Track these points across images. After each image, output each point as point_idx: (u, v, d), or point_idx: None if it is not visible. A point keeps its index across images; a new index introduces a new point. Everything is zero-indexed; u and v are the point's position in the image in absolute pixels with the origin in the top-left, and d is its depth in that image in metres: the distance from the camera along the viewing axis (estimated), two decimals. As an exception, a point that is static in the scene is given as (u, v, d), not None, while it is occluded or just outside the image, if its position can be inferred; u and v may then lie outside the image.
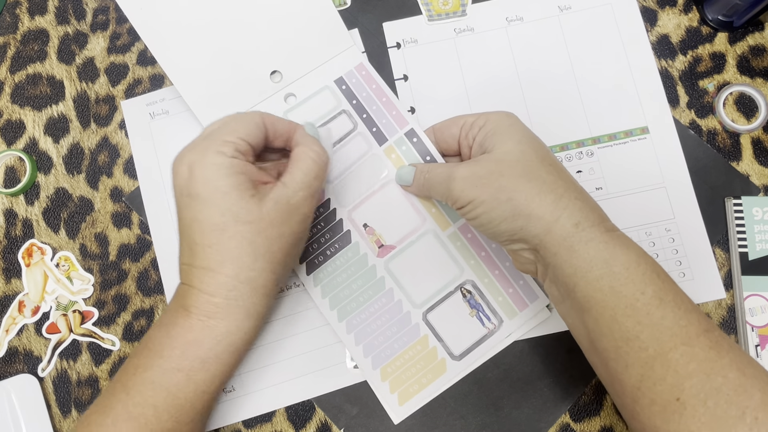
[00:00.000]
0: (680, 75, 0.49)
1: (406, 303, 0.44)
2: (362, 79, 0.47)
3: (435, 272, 0.44)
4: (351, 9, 0.50)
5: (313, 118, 0.47)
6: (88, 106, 0.49)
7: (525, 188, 0.34)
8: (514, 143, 0.36)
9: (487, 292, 0.44)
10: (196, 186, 0.34)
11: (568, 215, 0.33)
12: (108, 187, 0.48)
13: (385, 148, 0.46)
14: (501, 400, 0.43)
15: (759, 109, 0.47)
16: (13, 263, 0.47)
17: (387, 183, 0.45)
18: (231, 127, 0.36)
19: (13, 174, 0.48)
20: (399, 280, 0.44)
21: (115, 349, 0.45)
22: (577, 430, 0.43)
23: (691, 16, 0.50)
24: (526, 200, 0.33)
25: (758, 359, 0.42)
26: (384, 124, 0.46)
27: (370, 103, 0.47)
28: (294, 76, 0.47)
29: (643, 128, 0.47)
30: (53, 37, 0.50)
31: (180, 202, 0.35)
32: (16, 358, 0.45)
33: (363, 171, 0.46)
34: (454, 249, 0.44)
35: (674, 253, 0.45)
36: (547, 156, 0.36)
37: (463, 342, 0.43)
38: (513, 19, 0.49)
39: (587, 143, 0.47)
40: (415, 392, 0.43)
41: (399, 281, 0.44)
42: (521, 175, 0.34)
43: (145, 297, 0.46)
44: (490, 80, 0.48)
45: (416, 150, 0.45)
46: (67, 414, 0.45)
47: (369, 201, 0.45)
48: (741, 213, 0.45)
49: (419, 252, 0.44)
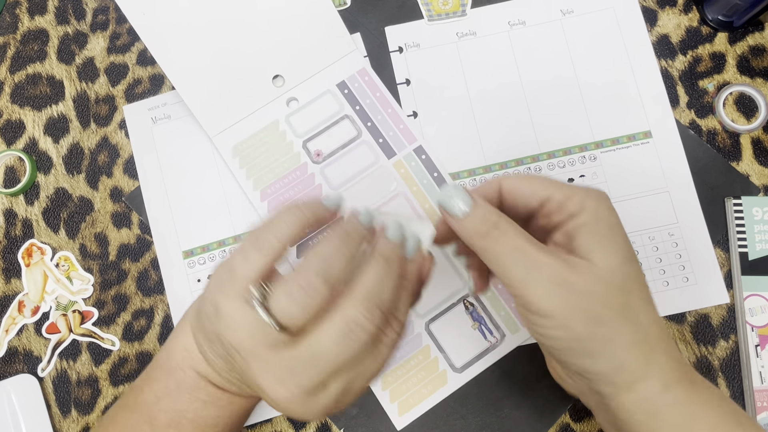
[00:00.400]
0: (680, 75, 0.48)
1: None
2: (365, 84, 0.48)
3: (438, 283, 0.44)
4: (351, 9, 0.50)
5: (315, 122, 0.47)
6: (88, 106, 0.49)
7: (624, 331, 0.28)
8: (619, 260, 0.29)
9: (490, 305, 0.44)
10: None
11: (659, 374, 0.28)
12: (108, 187, 0.48)
13: (394, 162, 0.46)
14: (501, 400, 0.43)
15: (759, 109, 0.47)
16: (13, 263, 0.47)
17: (395, 196, 0.46)
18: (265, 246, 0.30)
19: (13, 174, 0.48)
20: None
21: (115, 349, 0.45)
22: (577, 430, 0.43)
23: (691, 16, 0.50)
24: (622, 347, 0.28)
25: (758, 359, 0.42)
26: (391, 137, 0.47)
27: (374, 111, 0.47)
28: (296, 81, 0.47)
29: (646, 132, 0.47)
30: (53, 37, 0.51)
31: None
32: (16, 358, 0.45)
33: (371, 182, 0.46)
34: (457, 262, 0.44)
35: (677, 257, 0.45)
36: (643, 284, 0.30)
37: (465, 354, 0.43)
38: (515, 23, 0.49)
39: (590, 148, 0.47)
40: (416, 403, 0.43)
41: None
42: (622, 310, 0.28)
43: (144, 297, 0.46)
44: (492, 84, 0.48)
45: (425, 167, 0.46)
46: (67, 414, 0.45)
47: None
48: (741, 213, 0.45)
49: None
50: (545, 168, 0.46)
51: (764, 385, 0.42)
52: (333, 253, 0.29)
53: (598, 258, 0.28)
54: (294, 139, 0.47)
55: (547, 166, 0.46)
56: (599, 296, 0.28)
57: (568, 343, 0.28)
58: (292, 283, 0.28)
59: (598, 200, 0.30)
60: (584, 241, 0.29)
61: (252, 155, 0.47)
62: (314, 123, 0.47)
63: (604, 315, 0.28)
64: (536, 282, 0.28)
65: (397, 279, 0.30)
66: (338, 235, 0.29)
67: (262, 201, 0.46)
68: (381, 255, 0.30)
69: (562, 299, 0.28)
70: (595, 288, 0.28)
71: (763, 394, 0.42)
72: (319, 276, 0.28)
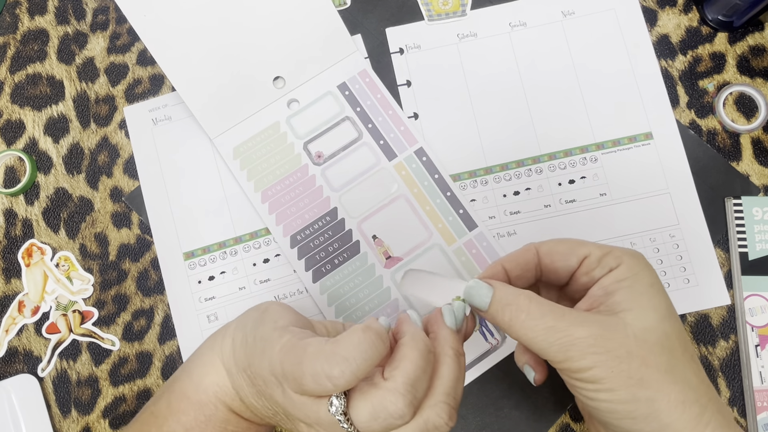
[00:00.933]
0: (680, 75, 0.49)
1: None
2: (366, 86, 0.48)
3: None
4: (351, 9, 0.50)
5: (316, 124, 0.47)
6: (88, 106, 0.49)
7: (670, 391, 0.28)
8: (657, 319, 0.29)
9: None
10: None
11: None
12: (108, 187, 0.48)
13: (395, 164, 0.46)
14: (501, 400, 0.43)
15: (759, 109, 0.47)
16: (13, 263, 0.47)
17: (396, 198, 0.46)
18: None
19: (13, 174, 0.48)
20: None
21: (115, 349, 0.45)
22: (577, 430, 0.43)
23: (691, 16, 0.50)
24: (668, 408, 0.27)
25: (758, 359, 0.43)
26: (392, 139, 0.47)
27: (375, 113, 0.47)
28: (297, 82, 0.47)
29: (647, 134, 0.47)
30: (53, 37, 0.50)
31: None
32: (16, 358, 0.45)
33: (373, 184, 0.46)
34: (458, 263, 0.44)
35: (678, 259, 0.45)
36: (686, 341, 0.30)
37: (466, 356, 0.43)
38: (516, 24, 0.49)
39: (591, 149, 0.47)
40: None
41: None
42: (667, 371, 0.28)
43: (144, 297, 0.46)
44: (493, 86, 0.48)
45: (426, 169, 0.46)
46: (67, 414, 0.45)
47: (379, 214, 0.45)
48: (741, 213, 0.45)
49: (425, 265, 0.44)
50: (546, 169, 0.46)
51: (764, 385, 0.42)
52: (420, 376, 0.28)
53: (633, 317, 0.28)
54: (295, 141, 0.47)
55: (548, 167, 0.46)
56: (639, 357, 0.28)
57: (613, 405, 0.28)
58: (379, 405, 0.27)
59: (636, 257, 0.30)
60: (621, 298, 0.29)
61: (253, 157, 0.47)
62: (315, 124, 0.47)
63: (646, 376, 0.27)
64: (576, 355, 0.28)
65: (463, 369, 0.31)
66: (422, 355, 0.29)
67: (263, 203, 0.46)
68: (453, 350, 0.30)
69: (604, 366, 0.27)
70: (634, 349, 0.28)
71: (763, 394, 0.42)
72: (409, 405, 0.27)
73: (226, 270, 0.46)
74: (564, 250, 0.32)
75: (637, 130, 0.47)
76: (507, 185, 0.46)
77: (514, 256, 0.33)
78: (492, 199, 0.46)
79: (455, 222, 0.45)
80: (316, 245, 0.45)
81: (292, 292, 0.45)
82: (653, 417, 0.28)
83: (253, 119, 0.47)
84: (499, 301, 0.30)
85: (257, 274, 0.46)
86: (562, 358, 0.28)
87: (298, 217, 0.46)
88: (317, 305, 0.44)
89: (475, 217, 0.45)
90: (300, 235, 0.45)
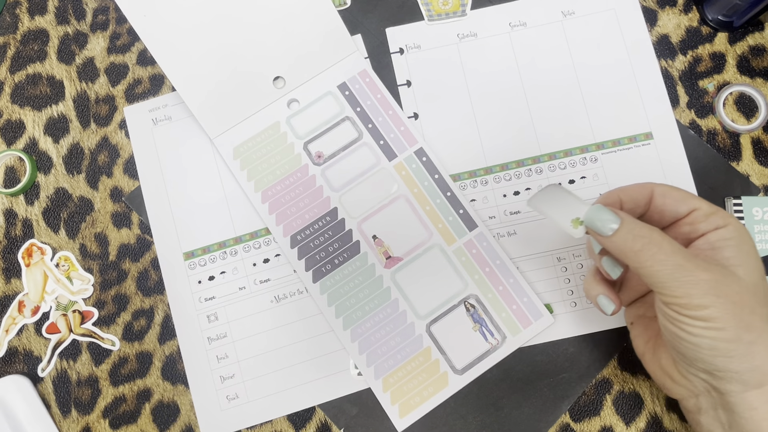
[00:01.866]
0: (680, 75, 0.49)
1: (410, 314, 0.44)
2: (366, 86, 0.48)
3: (439, 285, 0.44)
4: (351, 9, 0.50)
5: (316, 124, 0.47)
6: (88, 106, 0.49)
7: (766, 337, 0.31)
8: (759, 276, 0.32)
9: (491, 307, 0.44)
10: None
11: None
12: (108, 187, 0.48)
13: (395, 164, 0.46)
14: (501, 400, 0.43)
15: (759, 109, 0.47)
16: (13, 263, 0.47)
17: (397, 198, 0.46)
18: None
19: (13, 174, 0.48)
20: (404, 291, 0.44)
21: (115, 349, 0.45)
22: (577, 430, 0.43)
23: (691, 16, 0.50)
24: (762, 350, 0.31)
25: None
26: (392, 139, 0.47)
27: (375, 113, 0.47)
28: (297, 82, 0.47)
29: (647, 134, 0.47)
30: (53, 37, 0.50)
31: None
32: (16, 358, 0.45)
33: (373, 184, 0.46)
34: (459, 263, 0.44)
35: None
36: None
37: (465, 356, 0.43)
38: (516, 24, 0.49)
39: (591, 149, 0.47)
40: (416, 405, 0.43)
41: (404, 292, 0.44)
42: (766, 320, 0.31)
43: (144, 297, 0.46)
44: (493, 86, 0.48)
45: (426, 169, 0.46)
46: (67, 414, 0.45)
47: (379, 214, 0.45)
48: (741, 213, 0.45)
49: (425, 265, 0.44)
50: (546, 170, 0.46)
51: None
52: None
53: (744, 272, 0.32)
54: (295, 141, 0.47)
55: (548, 167, 0.46)
56: (749, 306, 0.31)
57: (716, 343, 0.31)
58: None
59: (739, 223, 0.34)
60: (731, 254, 0.32)
61: (253, 157, 0.47)
62: (315, 124, 0.47)
63: (752, 322, 0.31)
64: (697, 293, 0.30)
65: None
66: None
67: (264, 203, 0.46)
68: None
69: (721, 307, 0.30)
70: (746, 298, 0.31)
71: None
72: None
73: (226, 270, 0.46)
74: (678, 197, 0.34)
75: (637, 130, 0.47)
76: (507, 185, 0.46)
77: (631, 190, 0.35)
78: (492, 199, 0.46)
79: (455, 222, 0.45)
80: (317, 245, 0.45)
81: (292, 292, 0.45)
82: (749, 357, 0.30)
83: (253, 119, 0.47)
84: (630, 231, 0.32)
85: (257, 274, 0.46)
86: (681, 294, 0.31)
87: (298, 217, 0.46)
88: (317, 305, 0.44)
89: (475, 217, 0.45)
90: (300, 235, 0.45)
